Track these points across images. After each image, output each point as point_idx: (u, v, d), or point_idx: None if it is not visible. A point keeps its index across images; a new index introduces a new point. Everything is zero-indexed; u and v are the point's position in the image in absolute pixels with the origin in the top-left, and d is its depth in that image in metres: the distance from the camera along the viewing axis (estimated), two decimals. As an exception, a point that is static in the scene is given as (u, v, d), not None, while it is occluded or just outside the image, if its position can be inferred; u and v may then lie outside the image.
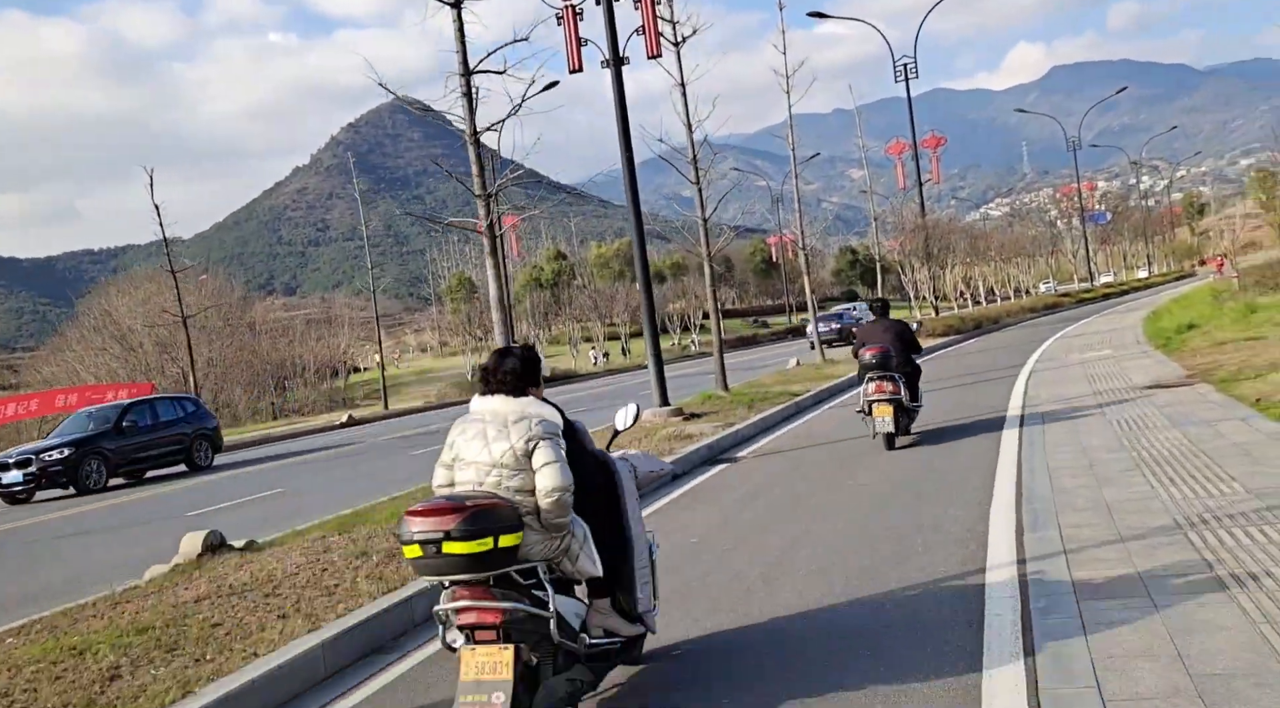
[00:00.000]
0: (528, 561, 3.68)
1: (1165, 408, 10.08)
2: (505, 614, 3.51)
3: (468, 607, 3.55)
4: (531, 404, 3.96)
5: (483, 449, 3.85)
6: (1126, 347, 18.81)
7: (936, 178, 36.59)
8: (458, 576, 3.55)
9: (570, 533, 3.86)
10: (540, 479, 3.73)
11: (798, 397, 16.49)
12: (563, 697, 3.71)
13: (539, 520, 3.73)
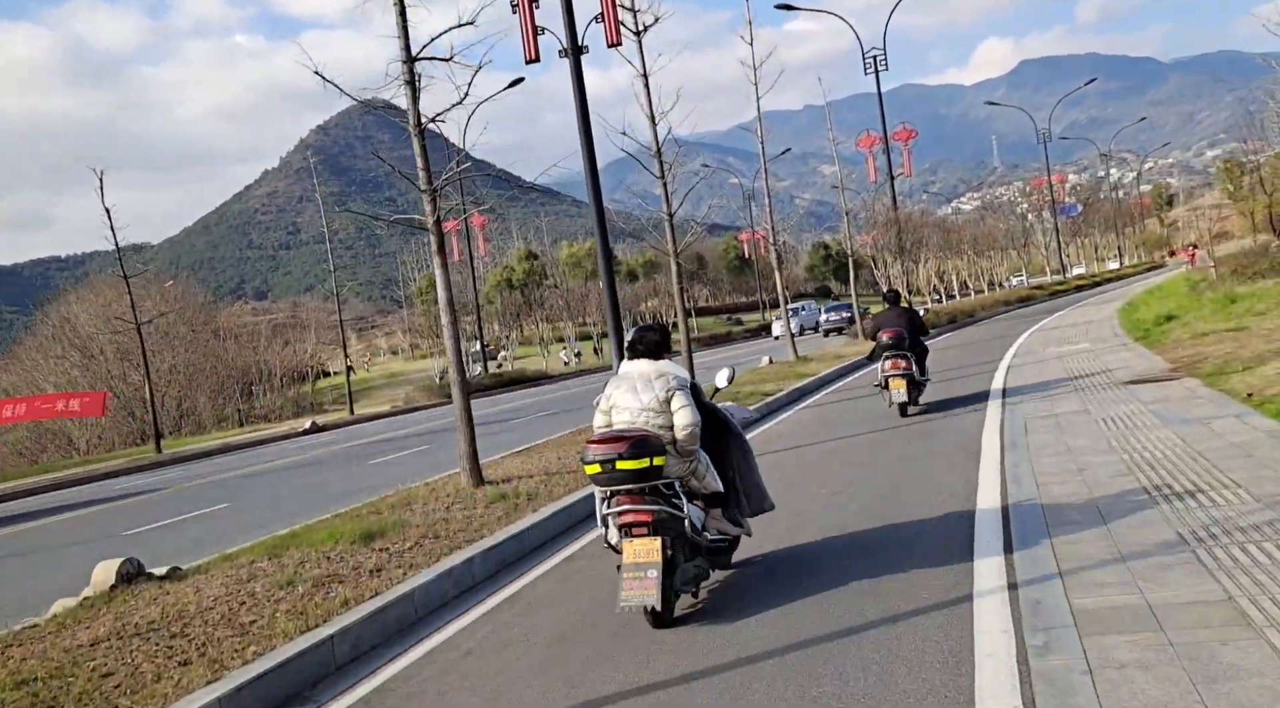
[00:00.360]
0: (668, 478, 5.16)
1: (1153, 404, 9.58)
2: (655, 514, 5.00)
3: (628, 510, 5.04)
4: (667, 365, 5.51)
5: (634, 398, 5.36)
6: (1104, 339, 18.40)
7: (908, 171, 36.18)
8: (624, 486, 5.04)
9: (697, 459, 5.40)
10: (677, 418, 5.27)
11: (770, 397, 15.94)
12: (690, 579, 5.20)
13: (676, 449, 5.26)
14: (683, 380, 5.44)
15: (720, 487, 5.55)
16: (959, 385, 14.65)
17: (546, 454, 12.02)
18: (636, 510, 5.04)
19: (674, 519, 5.07)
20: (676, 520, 5.08)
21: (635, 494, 5.07)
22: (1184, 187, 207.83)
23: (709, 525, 5.53)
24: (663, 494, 5.12)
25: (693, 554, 5.27)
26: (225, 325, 70.02)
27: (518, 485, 9.47)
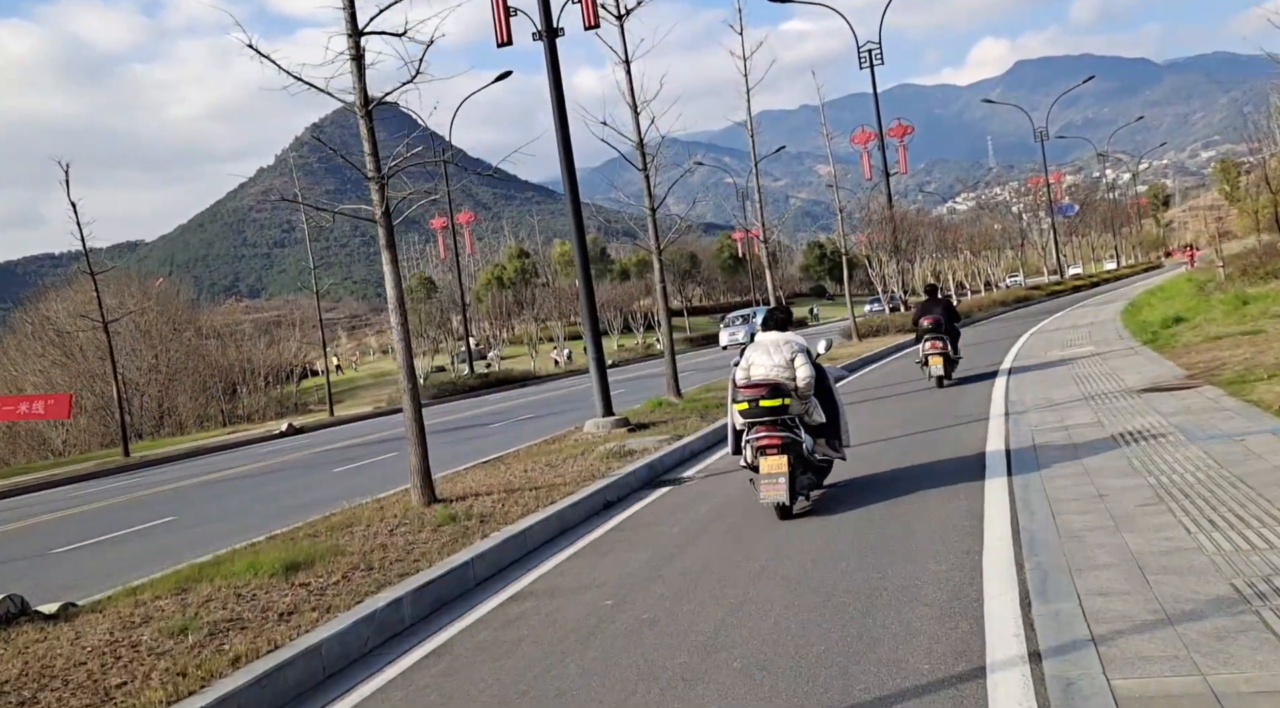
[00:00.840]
0: (791, 414, 7.18)
1: (1174, 417, 8.69)
2: (783, 439, 7.00)
3: (765, 435, 7.04)
4: (791, 335, 7.62)
5: (767, 358, 7.41)
6: (1110, 343, 17.52)
7: (903, 168, 35.29)
8: (762, 418, 7.11)
9: (811, 402, 7.41)
10: (799, 372, 7.33)
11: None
12: (805, 487, 7.31)
13: (797, 394, 7.26)
14: (802, 345, 7.54)
15: (824, 419, 7.56)
16: (956, 394, 13.76)
17: (513, 466, 11.11)
18: (771, 436, 7.11)
19: (795, 443, 7.14)
20: (796, 443, 7.16)
21: (770, 424, 7.19)
22: (1179, 187, 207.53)
23: (816, 449, 7.50)
24: (787, 426, 7.22)
25: (805, 469, 7.36)
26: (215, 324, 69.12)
27: (472, 505, 8.56)
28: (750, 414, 7.21)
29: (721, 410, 14.17)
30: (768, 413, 7.13)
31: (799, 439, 7.14)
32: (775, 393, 7.13)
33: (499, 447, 14.44)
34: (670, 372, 16.01)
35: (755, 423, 7.21)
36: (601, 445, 11.61)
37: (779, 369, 7.36)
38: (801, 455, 7.19)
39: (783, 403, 7.12)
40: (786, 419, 7.18)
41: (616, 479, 9.34)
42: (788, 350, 7.45)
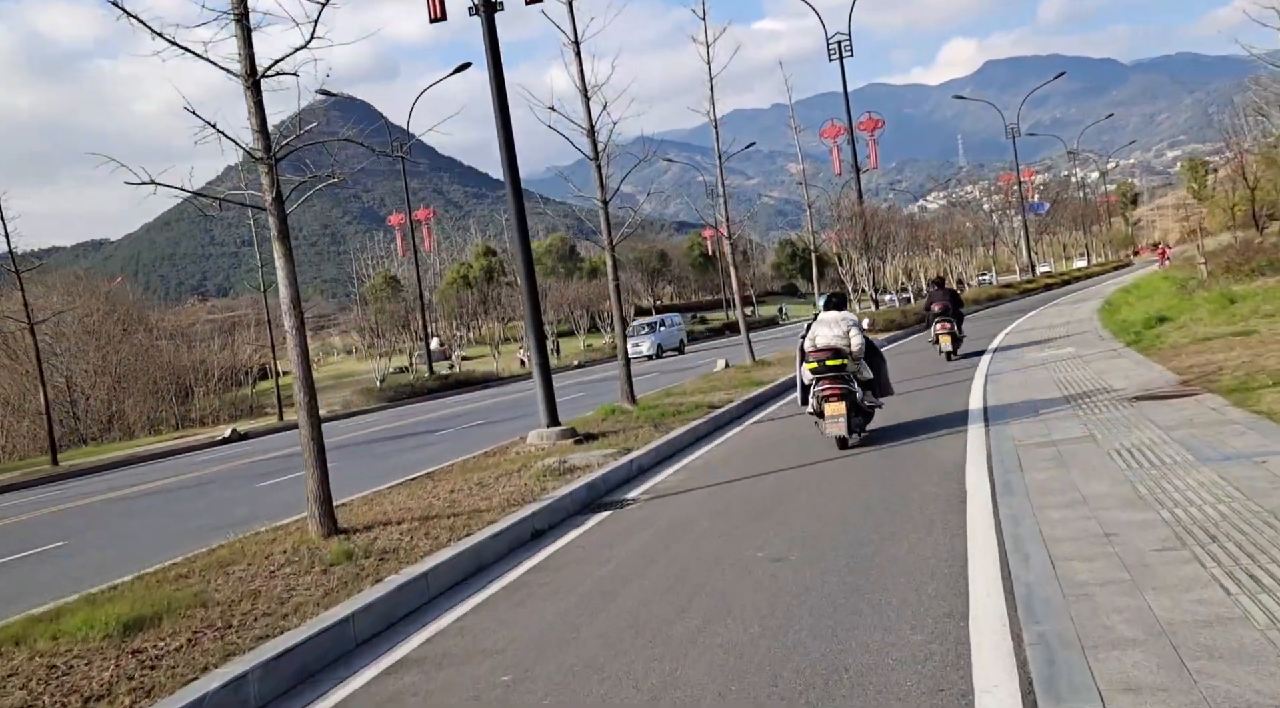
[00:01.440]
0: (847, 371, 9.45)
1: (1176, 431, 7.68)
2: (842, 389, 9.28)
3: (829, 387, 9.31)
4: (846, 313, 10.07)
5: (829, 330, 9.84)
6: (1090, 343, 16.60)
7: (874, 162, 34.38)
8: (827, 373, 9.35)
9: (862, 362, 9.84)
10: (853, 341, 9.74)
11: (717, 409, 13.96)
12: (857, 427, 9.54)
13: (851, 357, 9.61)
14: (854, 321, 10.01)
15: (872, 377, 9.97)
16: (930, 400, 12.73)
17: (441, 485, 9.93)
18: (833, 387, 9.38)
19: (850, 392, 9.42)
20: (851, 393, 9.44)
21: (832, 379, 9.41)
22: (1146, 187, 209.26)
23: (864, 399, 9.68)
24: (845, 379, 9.42)
25: (857, 413, 9.57)
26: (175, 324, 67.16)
27: (377, 537, 7.40)
28: (818, 372, 9.60)
29: (680, 418, 13.13)
30: (831, 370, 9.52)
31: (853, 390, 9.55)
32: (836, 355, 9.61)
33: (437, 459, 13.26)
34: (624, 376, 14.89)
35: (821, 378, 9.59)
36: (541, 460, 10.46)
37: (838, 338, 9.87)
38: (854, 402, 9.57)
39: (842, 363, 9.56)
40: (845, 374, 9.54)
41: (550, 503, 8.20)
42: (844, 324, 9.98)
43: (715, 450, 11.17)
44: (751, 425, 13.07)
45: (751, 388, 16.49)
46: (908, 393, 13.13)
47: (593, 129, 14.24)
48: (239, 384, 57.95)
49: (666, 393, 17.56)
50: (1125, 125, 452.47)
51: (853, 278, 31.00)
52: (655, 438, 11.58)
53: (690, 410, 13.76)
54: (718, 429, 13.01)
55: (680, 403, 14.77)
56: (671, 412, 13.69)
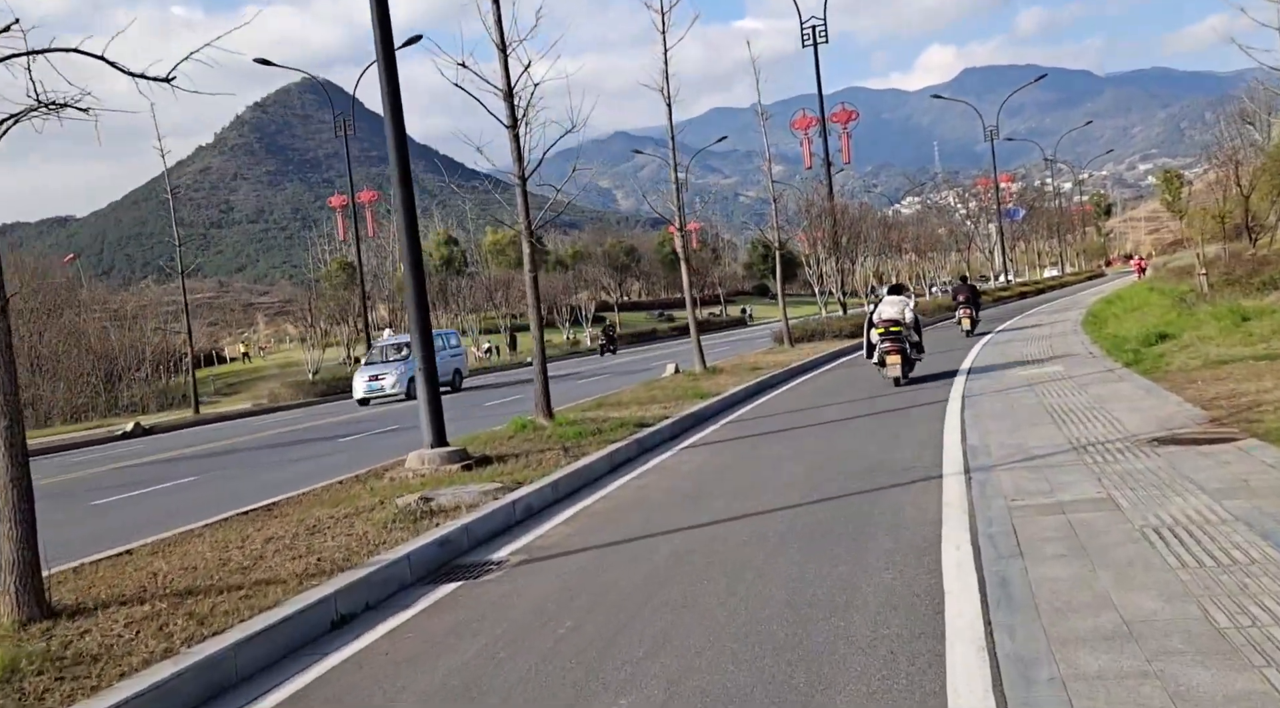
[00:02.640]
0: (902, 334, 14.50)
1: (1230, 498, 5.58)
2: (899, 346, 14.39)
3: (891, 345, 14.38)
4: (902, 296, 15.64)
5: (892, 308, 14.88)
6: (1081, 362, 14.58)
7: (846, 156, 32.33)
8: (890, 335, 14.44)
9: (911, 331, 14.86)
10: (906, 315, 14.77)
11: (648, 427, 11.78)
12: (907, 372, 14.64)
13: (906, 326, 14.66)
14: (908, 301, 15.29)
15: (917, 339, 15.09)
16: (894, 428, 10.61)
17: (266, 528, 7.69)
18: (894, 345, 14.23)
19: (904, 349, 14.28)
20: (904, 350, 14.30)
21: (893, 339, 14.25)
22: (1118, 198, 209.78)
23: (911, 353, 14.63)
24: (901, 339, 14.28)
25: (907, 363, 14.45)
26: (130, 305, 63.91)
27: (94, 627, 5.14)
28: (884, 336, 14.41)
29: (599, 439, 10.93)
30: (892, 335, 14.35)
31: (905, 348, 14.43)
32: (896, 324, 14.42)
33: (309, 478, 11.00)
34: (539, 385, 12.62)
35: (885, 339, 14.40)
36: (405, 496, 8.21)
37: (897, 313, 14.63)
38: (906, 355, 14.48)
39: (900, 330, 14.38)
40: (901, 337, 14.36)
41: (374, 571, 5.97)
42: (901, 305, 14.92)
43: (628, 487, 8.98)
44: (684, 450, 10.88)
45: (694, 401, 14.33)
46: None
47: (510, 92, 11.98)
48: (172, 371, 55.18)
49: (598, 403, 15.35)
50: (1099, 137, 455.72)
51: (820, 279, 28.91)
52: (561, 466, 9.38)
53: (614, 429, 11.55)
54: (643, 454, 10.82)
55: (606, 418, 12.56)
56: (592, 430, 11.48)
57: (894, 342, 14.28)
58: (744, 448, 10.54)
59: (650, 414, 13.03)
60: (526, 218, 12.30)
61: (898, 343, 14.27)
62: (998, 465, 7.55)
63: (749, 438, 11.25)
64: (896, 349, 14.23)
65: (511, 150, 12.17)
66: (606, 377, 27.04)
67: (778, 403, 14.75)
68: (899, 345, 14.27)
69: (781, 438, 10.93)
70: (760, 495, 7.66)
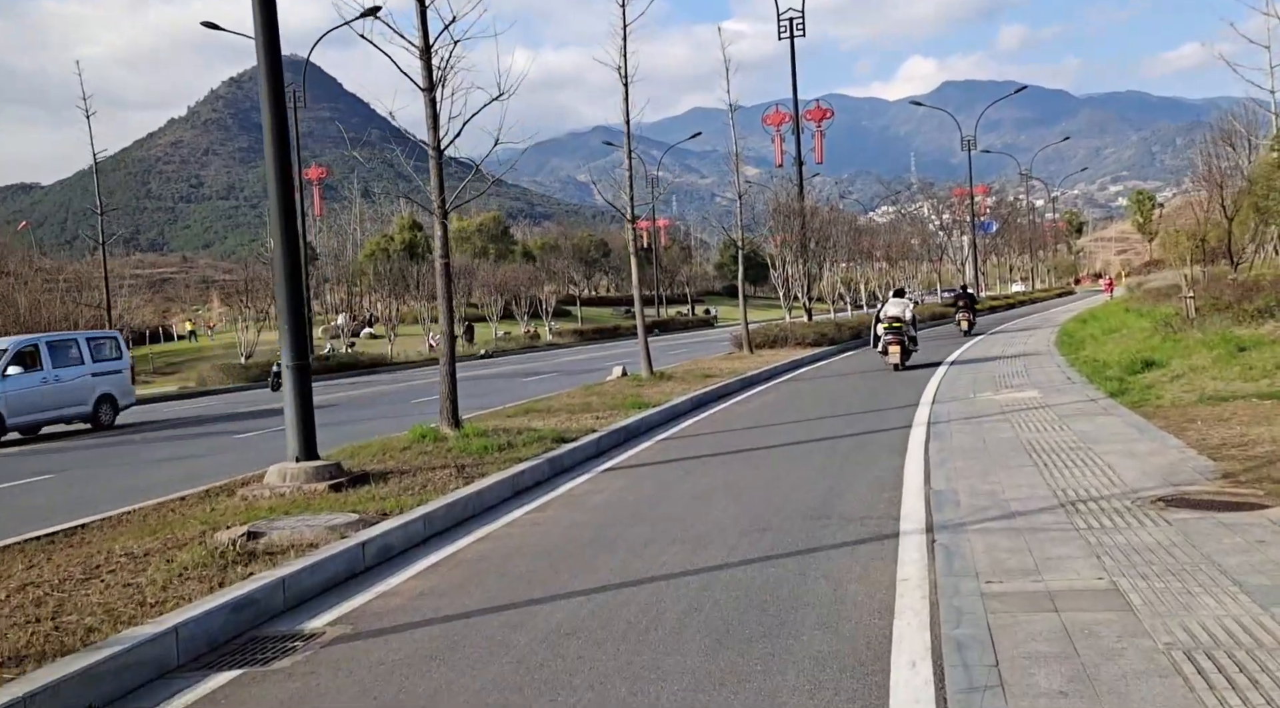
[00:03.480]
0: (901, 329, 18.00)
1: (1274, 597, 4.11)
2: (899, 338, 17.87)
3: (892, 338, 17.86)
4: (904, 299, 19.07)
5: (895, 308, 18.36)
6: (1059, 387, 13.19)
7: (819, 156, 30.92)
8: (892, 330, 17.95)
9: (909, 326, 18.46)
10: (906, 314, 18.37)
11: (569, 443, 10.22)
12: (905, 359, 18.04)
13: (905, 323, 18.24)
14: (907, 303, 18.82)
15: (914, 334, 18.75)
16: (851, 457, 9.12)
17: (15, 565, 6.01)
18: (895, 338, 17.72)
19: (903, 341, 17.78)
20: (903, 341, 17.79)
21: (895, 333, 17.74)
22: (1089, 218, 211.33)
23: (909, 344, 18.03)
24: (901, 333, 17.77)
25: (904, 352, 17.85)
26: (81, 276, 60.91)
27: None
28: (887, 329, 17.80)
29: (510, 454, 9.34)
30: (894, 328, 17.77)
31: (904, 340, 17.77)
32: (898, 320, 17.87)
33: (166, 486, 9.36)
34: (445, 388, 10.99)
35: (888, 332, 17.82)
36: (233, 530, 6.58)
37: (899, 312, 18.08)
38: (905, 346, 17.82)
39: (901, 325, 17.83)
40: (901, 330, 17.77)
41: (127, 649, 4.35)
42: (902, 305, 18.39)
43: (519, 523, 7.40)
44: (603, 474, 9.32)
45: (631, 412, 12.77)
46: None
47: (428, 48, 10.35)
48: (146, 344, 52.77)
49: (524, 409, 13.75)
50: (1073, 156, 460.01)
51: (785, 283, 27.46)
52: (449, 491, 7.80)
53: (528, 444, 9.97)
54: (556, 477, 9.25)
55: (523, 430, 10.97)
56: (501, 443, 9.89)
57: (895, 335, 17.85)
58: (672, 475, 9.00)
59: (576, 426, 11.46)
60: (440, 195, 10.67)
61: (898, 335, 17.84)
62: (968, 523, 6.06)
63: (681, 462, 9.72)
64: (897, 341, 17.81)
65: (427, 116, 10.52)
66: (555, 376, 25.45)
67: (725, 418, 13.24)
68: (899, 338, 17.82)
69: (719, 464, 9.41)
70: (674, 548, 6.12)
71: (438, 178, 10.66)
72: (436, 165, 10.65)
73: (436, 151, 10.57)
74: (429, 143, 10.55)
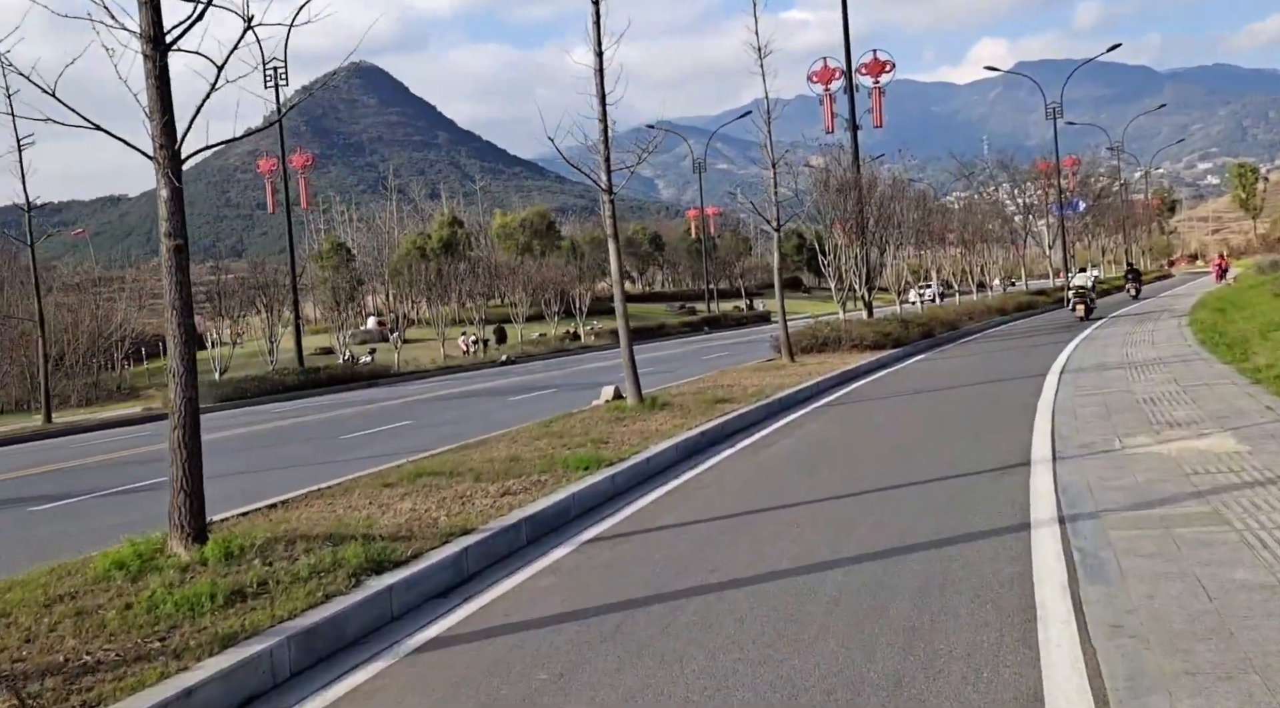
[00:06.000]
0: (1088, 294, 28.93)
1: None
2: (1085, 301, 28.33)
3: (1079, 300, 28.38)
4: (1088, 273, 38.08)
5: (1081, 279, 31.16)
6: (1260, 425, 8.08)
7: (877, 119, 25.60)
8: (1079, 294, 28.67)
9: (1091, 292, 29.95)
10: (1089, 283, 30.91)
11: (389, 575, 5.50)
12: (1088, 313, 28.16)
13: (1088, 289, 29.65)
14: (1091, 277, 34.92)
15: (1094, 299, 30.14)
16: (918, 610, 4.22)
17: None
18: (1081, 300, 28.12)
19: (1086, 301, 28.08)
20: (1087, 301, 28.08)
21: (1081, 297, 28.24)
22: (1180, 197, 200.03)
23: (1090, 304, 28.40)
24: (1085, 296, 28.24)
25: (1086, 310, 27.81)
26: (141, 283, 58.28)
27: None
28: (1075, 294, 28.42)
29: (244, 608, 4.56)
30: (1080, 293, 28.19)
31: (1087, 301, 27.85)
32: (1083, 289, 28.54)
33: None
34: (176, 473, 6.30)
35: (1076, 296, 28.37)
36: None
37: (1084, 282, 29.51)
38: (1088, 305, 27.76)
39: (1085, 291, 28.29)
40: (1085, 294, 28.14)
41: None
42: (1086, 277, 30.85)
43: None
44: (522, 585, 4.59)
45: (574, 475, 8.06)
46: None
47: None
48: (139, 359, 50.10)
49: (414, 472, 8.99)
50: (1156, 133, 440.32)
51: (838, 272, 22.36)
52: None
53: (314, 578, 5.30)
54: (321, 676, 4.56)
55: (335, 535, 6.29)
56: (253, 584, 5.22)
57: (1081, 299, 27.90)
58: (554, 670, 4.24)
59: (445, 522, 6.76)
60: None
61: (1083, 299, 27.84)
62: None
63: (595, 619, 4.96)
64: (1081, 302, 27.74)
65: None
66: (549, 393, 20.86)
67: (718, 489, 8.40)
68: (1084, 300, 27.81)
69: (667, 639, 4.62)
70: None
71: (157, 94, 6.03)
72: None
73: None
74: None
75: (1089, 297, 28.01)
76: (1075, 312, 27.53)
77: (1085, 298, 27.65)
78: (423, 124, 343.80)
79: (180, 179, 5.78)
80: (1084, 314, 27.15)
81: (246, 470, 12.13)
